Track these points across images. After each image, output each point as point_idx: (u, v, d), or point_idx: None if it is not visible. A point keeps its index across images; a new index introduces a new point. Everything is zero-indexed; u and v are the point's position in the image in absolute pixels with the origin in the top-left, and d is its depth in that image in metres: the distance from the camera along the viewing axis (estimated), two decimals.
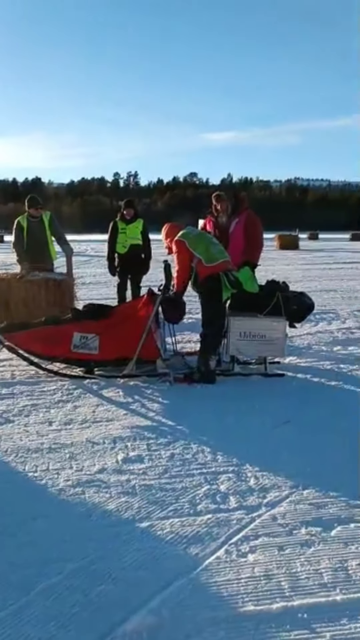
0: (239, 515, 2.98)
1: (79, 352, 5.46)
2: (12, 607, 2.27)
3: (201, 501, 3.11)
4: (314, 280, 14.61)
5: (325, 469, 3.50)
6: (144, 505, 3.07)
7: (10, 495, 3.16)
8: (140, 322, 5.41)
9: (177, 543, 2.72)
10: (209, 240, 5.46)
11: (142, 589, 2.38)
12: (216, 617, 2.22)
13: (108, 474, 3.44)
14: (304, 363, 6.11)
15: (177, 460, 3.64)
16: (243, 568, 2.53)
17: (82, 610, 2.26)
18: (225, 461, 3.62)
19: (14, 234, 7.59)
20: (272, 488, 3.27)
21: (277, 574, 2.49)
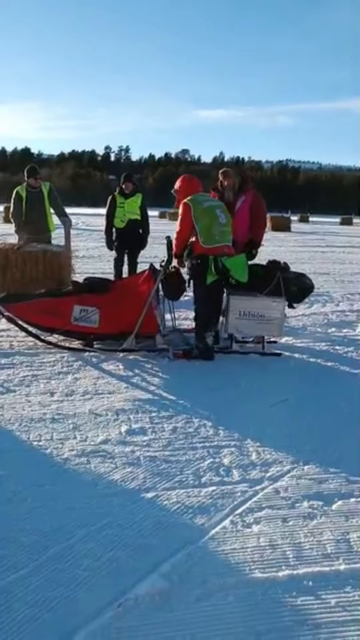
0: (242, 487, 3.05)
1: (79, 325, 5.47)
2: (24, 570, 2.32)
3: (205, 473, 3.18)
4: (307, 263, 14.68)
5: (325, 446, 3.58)
6: (149, 476, 3.12)
7: (15, 464, 3.20)
8: (141, 297, 5.43)
9: (183, 513, 2.79)
10: (215, 218, 5.41)
11: (152, 555, 2.44)
12: (225, 583, 2.29)
13: (112, 444, 3.49)
14: (300, 343, 6.19)
15: (179, 433, 3.70)
16: (248, 538, 2.60)
17: (93, 574, 2.32)
18: (227, 436, 3.69)
19: (13, 204, 7.52)
20: (273, 463, 3.35)
21: (282, 544, 2.57)
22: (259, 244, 6.12)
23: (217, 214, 5.45)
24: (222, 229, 5.42)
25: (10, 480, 2.99)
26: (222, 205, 5.63)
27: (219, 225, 5.41)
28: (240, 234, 5.97)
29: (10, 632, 2.00)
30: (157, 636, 2.01)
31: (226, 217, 5.50)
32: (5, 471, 3.08)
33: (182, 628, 2.05)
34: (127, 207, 7.89)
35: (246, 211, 6.03)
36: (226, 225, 5.47)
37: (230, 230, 5.51)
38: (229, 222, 5.52)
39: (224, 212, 5.53)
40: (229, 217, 5.57)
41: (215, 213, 5.44)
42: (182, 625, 2.07)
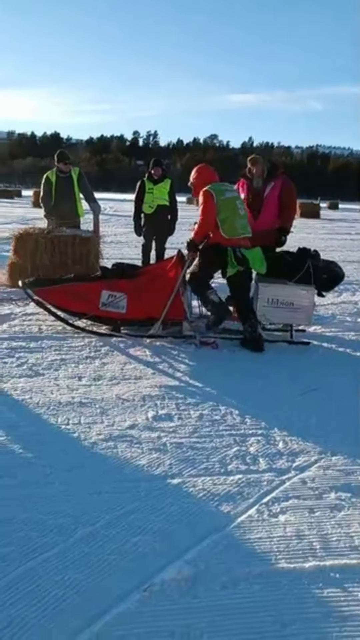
0: (269, 477, 3.03)
1: (107, 310, 5.49)
2: (52, 550, 2.35)
3: (231, 461, 3.17)
4: (337, 251, 14.47)
5: (353, 436, 3.54)
6: (175, 463, 3.13)
7: (44, 447, 3.23)
8: (168, 283, 5.42)
9: (209, 500, 2.78)
10: (236, 209, 5.39)
11: (178, 541, 2.45)
12: (250, 571, 2.28)
13: (139, 430, 3.50)
14: (328, 332, 6.12)
15: (206, 420, 3.70)
16: (275, 527, 2.59)
17: (119, 558, 2.33)
18: (253, 424, 3.67)
19: (42, 189, 7.56)
20: (300, 453, 3.32)
21: (309, 534, 2.55)
22: (288, 231, 6.05)
23: (238, 205, 5.44)
24: (243, 222, 5.43)
25: (38, 463, 3.03)
26: (239, 196, 5.68)
27: (240, 217, 5.40)
28: (269, 222, 5.91)
29: (38, 612, 2.03)
30: (183, 621, 2.02)
31: (244, 209, 5.54)
32: (34, 454, 3.12)
33: (207, 614, 2.05)
34: (156, 192, 7.86)
35: (275, 199, 5.96)
36: (245, 217, 5.48)
37: (247, 223, 5.50)
38: (246, 214, 5.55)
39: (242, 203, 5.58)
40: (246, 209, 5.61)
41: (236, 204, 5.43)
42: (207, 611, 2.07)
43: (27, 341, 5.18)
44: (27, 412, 3.67)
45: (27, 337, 5.32)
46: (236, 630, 1.99)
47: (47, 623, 1.98)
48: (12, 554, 2.31)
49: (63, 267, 7.07)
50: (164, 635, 1.96)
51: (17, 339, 5.22)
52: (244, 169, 6.28)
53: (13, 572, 2.21)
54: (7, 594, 2.10)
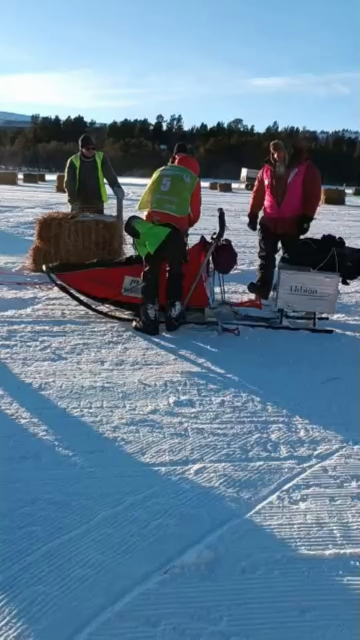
0: (289, 464, 3.04)
1: (129, 296, 5.51)
2: (74, 532, 2.39)
3: (252, 448, 3.18)
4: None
5: None
6: (196, 448, 3.15)
7: (67, 430, 3.28)
8: (191, 269, 5.41)
9: (230, 486, 2.80)
10: (157, 185, 5.34)
11: (198, 525, 2.48)
12: (270, 557, 2.30)
13: (160, 415, 3.53)
14: (352, 321, 6.07)
15: (227, 407, 3.71)
16: (295, 514, 2.60)
17: (141, 540, 2.37)
18: (275, 411, 3.68)
19: (66, 173, 7.58)
20: (322, 441, 3.32)
21: (329, 522, 2.55)
22: (311, 218, 5.98)
23: (162, 181, 5.35)
24: (160, 197, 5.30)
25: (61, 446, 3.07)
26: (174, 175, 5.44)
27: (159, 192, 5.32)
28: (292, 209, 5.86)
29: (62, 590, 2.07)
30: (203, 604, 2.05)
31: (170, 185, 5.33)
32: (57, 436, 3.17)
33: (226, 598, 2.08)
34: None
35: (299, 185, 5.90)
36: (167, 194, 5.29)
37: (173, 199, 5.29)
38: (172, 191, 5.30)
39: (175, 179, 5.37)
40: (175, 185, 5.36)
41: (160, 180, 5.37)
42: (227, 595, 2.10)
43: (51, 325, 5.23)
44: (50, 395, 3.73)
45: (50, 321, 5.38)
46: (255, 615, 2.02)
47: (71, 601, 2.03)
48: (36, 533, 2.36)
49: (86, 252, 7.11)
50: (184, 616, 1.99)
51: (40, 323, 5.28)
52: (268, 155, 6.22)
53: (37, 550, 2.26)
54: (32, 572, 2.15)
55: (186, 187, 5.38)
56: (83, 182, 7.47)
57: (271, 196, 6.13)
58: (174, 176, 5.42)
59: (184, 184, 5.38)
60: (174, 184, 5.34)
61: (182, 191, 5.35)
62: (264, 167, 6.29)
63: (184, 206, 5.35)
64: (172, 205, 5.28)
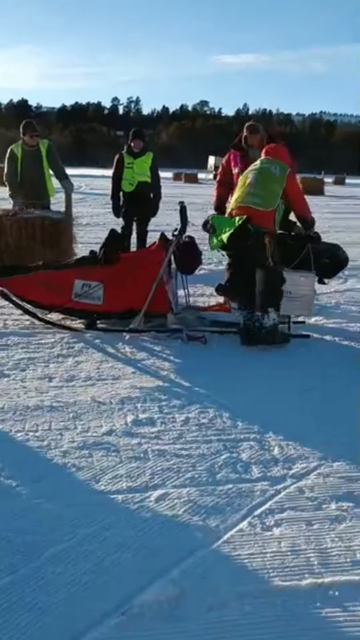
0: (262, 486, 3.08)
1: (81, 302, 5.51)
2: (19, 572, 2.38)
3: (221, 470, 3.22)
4: (342, 232, 14.56)
5: (356, 440, 3.59)
6: (157, 472, 3.17)
7: (10, 456, 3.26)
8: (150, 270, 5.45)
9: (196, 513, 2.83)
10: (244, 181, 5.49)
11: (160, 558, 2.49)
12: (241, 591, 2.33)
13: (117, 436, 3.54)
14: (331, 324, 6.19)
15: (192, 424, 3.75)
16: (268, 542, 2.64)
17: (95, 578, 2.37)
18: (246, 428, 3.73)
19: (6, 165, 7.55)
20: (298, 459, 3.38)
21: (306, 549, 2.60)
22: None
23: (249, 176, 5.52)
24: (242, 191, 5.46)
25: (2, 475, 3.06)
26: (260, 168, 5.56)
27: (244, 187, 5.46)
28: None
29: (9, 637, 2.06)
30: None
31: (254, 177, 5.49)
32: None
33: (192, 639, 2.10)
34: (137, 168, 7.88)
35: None
36: (248, 186, 5.45)
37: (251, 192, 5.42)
38: (253, 184, 5.45)
39: (257, 173, 5.50)
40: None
41: (247, 176, 5.55)
42: (192, 636, 2.12)
43: None
44: None
45: None
46: None
47: None
48: None
49: (31, 253, 7.06)
50: None
51: None
52: (236, 138, 6.29)
53: None
54: None
55: (275, 179, 5.46)
56: (26, 174, 7.43)
57: None
58: (261, 169, 5.53)
59: (271, 176, 5.47)
60: (259, 177, 5.45)
61: (269, 183, 5.44)
62: (229, 153, 6.37)
63: (271, 199, 5.40)
64: (256, 199, 5.37)
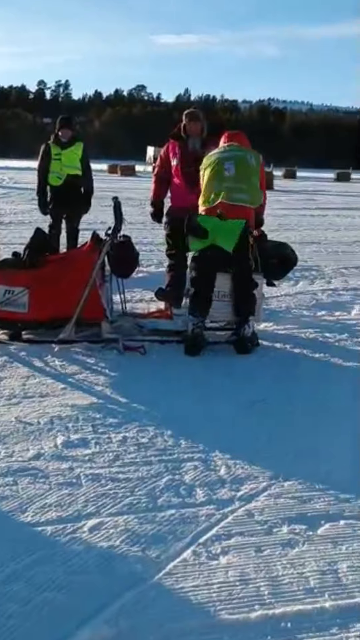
0: (208, 510, 3.11)
1: (3, 310, 5.45)
2: None
3: (162, 494, 3.24)
4: (292, 230, 14.88)
5: (310, 457, 3.69)
6: (91, 499, 3.16)
7: None
8: (81, 274, 5.43)
9: (134, 543, 2.83)
10: (217, 170, 5.43)
11: (94, 596, 2.48)
12: (184, 627, 2.34)
13: (45, 460, 3.52)
14: (282, 330, 6.31)
15: (130, 445, 3.75)
16: (214, 572, 2.66)
17: (22, 621, 2.33)
18: (189, 446, 3.76)
19: None
20: (247, 479, 3.43)
21: (255, 578, 2.63)
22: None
23: (225, 166, 5.46)
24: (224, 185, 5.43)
25: None
26: (236, 156, 5.57)
27: (222, 179, 5.43)
28: None
29: None
30: None
31: (234, 169, 5.47)
32: None
33: None
34: (65, 159, 7.85)
35: None
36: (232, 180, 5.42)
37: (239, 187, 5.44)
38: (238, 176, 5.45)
39: (237, 163, 5.49)
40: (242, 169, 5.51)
41: (221, 165, 5.46)
42: None
43: None
44: None
45: None
46: None
47: None
48: None
49: None
50: None
51: None
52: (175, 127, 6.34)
53: None
54: None
55: (253, 170, 5.47)
56: None
57: (181, 179, 6.24)
58: (237, 158, 5.49)
59: (250, 167, 5.47)
60: (239, 168, 5.41)
61: (251, 176, 5.44)
62: (169, 143, 6.42)
63: (256, 195, 5.44)
64: (243, 195, 5.36)
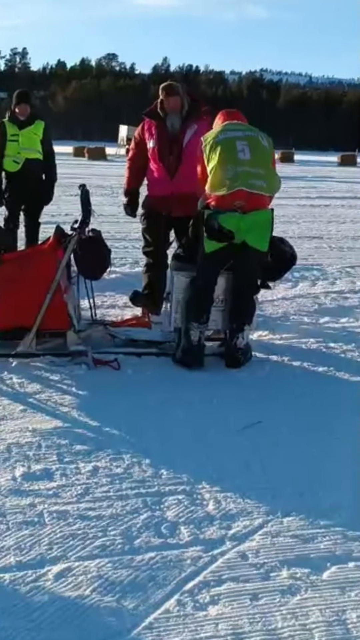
0: (194, 552, 3.10)
1: None
2: None
3: (140, 533, 3.22)
4: (290, 223, 14.94)
5: (312, 487, 3.69)
6: (57, 540, 3.14)
7: None
8: (44, 275, 5.41)
9: (108, 592, 2.82)
10: (230, 153, 5.37)
11: None
12: None
13: (2, 495, 3.50)
14: (279, 340, 6.32)
15: (102, 476, 3.75)
16: (202, 624, 2.66)
17: None
18: (172, 477, 3.76)
19: None
20: (239, 514, 3.43)
21: (250, 631, 2.63)
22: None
23: (237, 146, 5.40)
24: (239, 170, 5.36)
25: None
26: (250, 136, 5.55)
27: (237, 163, 5.36)
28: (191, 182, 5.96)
29: None
30: None
31: (249, 151, 5.42)
32: None
33: None
34: (23, 141, 7.84)
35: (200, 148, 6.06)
36: (250, 164, 5.37)
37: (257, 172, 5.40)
38: (256, 160, 5.41)
39: (252, 144, 5.47)
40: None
41: (235, 145, 5.41)
42: None
43: None
44: None
45: None
46: None
47: None
48: None
49: None
50: None
51: None
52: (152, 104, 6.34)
53: None
54: None
55: (267, 154, 5.51)
56: None
57: (160, 164, 6.24)
58: (251, 139, 5.48)
59: (264, 149, 5.49)
60: (254, 150, 5.40)
61: (267, 160, 5.47)
62: (144, 121, 6.41)
63: (273, 182, 5.46)
64: (262, 181, 5.35)
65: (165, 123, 6.21)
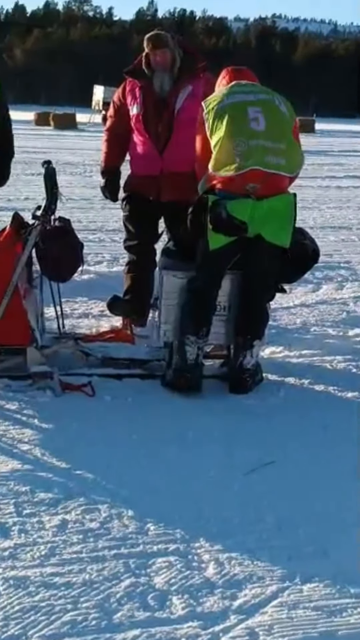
0: (190, 629, 3.08)
1: None
2: None
3: (120, 606, 3.20)
4: (311, 209, 15.01)
5: (339, 546, 3.67)
6: (14, 615, 3.12)
7: None
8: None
9: None
10: (242, 117, 5.35)
11: None
12: None
13: None
14: (296, 358, 6.33)
15: (72, 532, 3.73)
16: None
17: None
18: (161, 533, 3.74)
19: None
20: (246, 580, 3.40)
21: None
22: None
23: (249, 113, 5.35)
24: (254, 143, 5.31)
25: None
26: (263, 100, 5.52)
27: (251, 134, 5.32)
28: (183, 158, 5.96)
29: None
30: None
31: (263, 118, 5.37)
32: None
33: None
34: None
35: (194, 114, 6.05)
36: (265, 136, 5.33)
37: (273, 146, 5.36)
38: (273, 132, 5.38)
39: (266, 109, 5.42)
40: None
41: (246, 111, 5.36)
42: None
43: None
44: None
45: None
46: None
47: None
48: None
49: None
50: None
51: None
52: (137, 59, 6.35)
53: None
54: None
55: (287, 122, 5.53)
56: None
57: (146, 135, 6.23)
58: (265, 103, 5.45)
59: (283, 116, 5.50)
60: (271, 118, 5.37)
61: (286, 131, 5.47)
62: (125, 81, 6.41)
63: (295, 158, 5.51)
64: (280, 159, 5.33)
65: (152, 83, 6.20)
